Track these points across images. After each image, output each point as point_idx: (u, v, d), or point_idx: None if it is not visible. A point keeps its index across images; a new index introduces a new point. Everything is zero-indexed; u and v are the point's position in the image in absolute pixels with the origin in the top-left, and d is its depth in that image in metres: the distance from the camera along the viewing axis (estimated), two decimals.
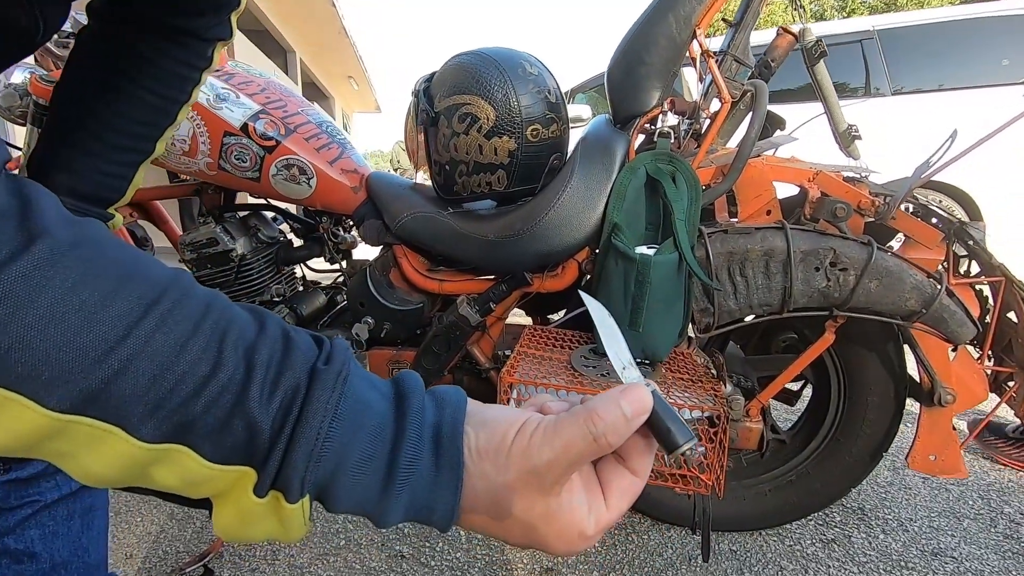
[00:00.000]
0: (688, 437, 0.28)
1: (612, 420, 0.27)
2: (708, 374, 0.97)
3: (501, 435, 0.29)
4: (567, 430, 0.28)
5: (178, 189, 1.31)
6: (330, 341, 0.30)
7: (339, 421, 0.27)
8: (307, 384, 0.27)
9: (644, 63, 1.00)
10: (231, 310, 0.28)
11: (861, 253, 0.92)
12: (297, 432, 0.26)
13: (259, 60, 7.71)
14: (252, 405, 0.25)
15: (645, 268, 0.92)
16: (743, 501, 1.27)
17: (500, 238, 1.06)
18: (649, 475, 0.31)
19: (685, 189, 0.97)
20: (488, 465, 0.28)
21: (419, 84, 1.13)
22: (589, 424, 0.27)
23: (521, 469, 0.28)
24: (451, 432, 0.29)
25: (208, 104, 1.11)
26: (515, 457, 0.28)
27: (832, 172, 1.01)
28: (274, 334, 0.28)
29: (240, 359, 0.26)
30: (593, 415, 0.27)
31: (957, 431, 1.08)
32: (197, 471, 0.26)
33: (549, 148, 1.09)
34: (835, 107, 1.11)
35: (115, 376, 0.23)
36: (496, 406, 0.32)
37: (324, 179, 1.18)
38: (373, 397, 0.29)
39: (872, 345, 1.11)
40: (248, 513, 0.27)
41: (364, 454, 0.28)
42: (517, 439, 0.28)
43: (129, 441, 0.24)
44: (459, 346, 1.13)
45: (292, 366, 0.27)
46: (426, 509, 0.29)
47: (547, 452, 0.28)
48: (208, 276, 1.26)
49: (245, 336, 0.27)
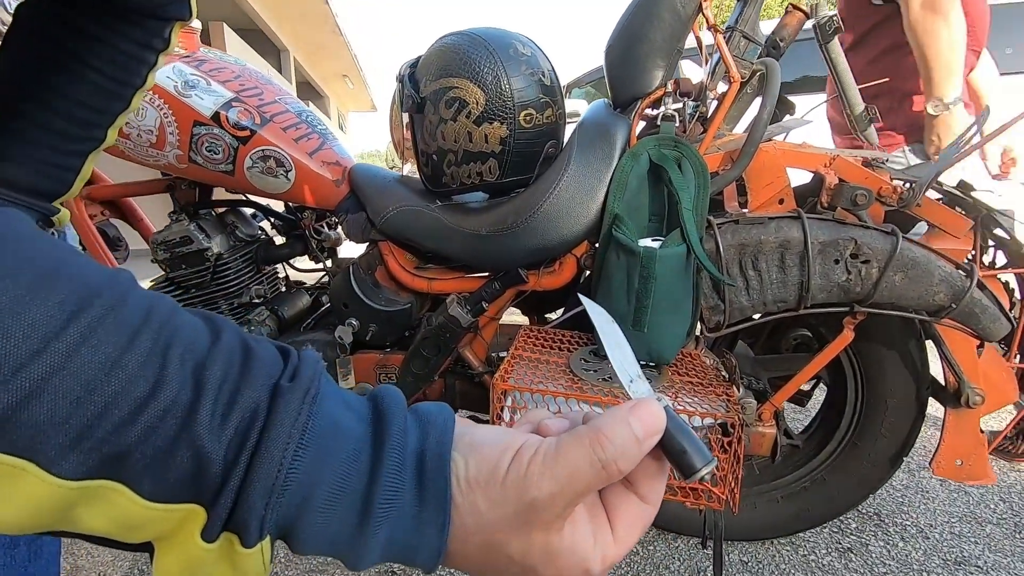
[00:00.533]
0: (706, 459, 0.25)
1: (622, 443, 0.24)
2: (719, 377, 0.89)
3: (494, 463, 0.25)
4: (570, 456, 0.24)
5: (150, 185, 1.23)
6: (298, 353, 0.26)
7: (306, 449, 0.23)
8: (268, 405, 0.23)
9: (646, 40, 0.92)
10: (178, 317, 0.24)
11: (885, 243, 0.85)
12: (255, 463, 0.22)
13: (252, 59, 7.63)
14: (201, 431, 0.22)
15: (649, 262, 0.84)
16: (754, 509, 1.20)
17: (492, 232, 0.98)
18: None
19: (692, 176, 0.89)
20: (480, 498, 0.25)
21: (404, 68, 1.06)
22: (596, 449, 0.24)
23: (518, 503, 0.24)
24: (437, 460, 0.25)
25: (176, 92, 1.03)
26: (511, 489, 0.24)
27: (850, 157, 0.93)
28: (230, 345, 0.24)
29: (187, 376, 0.22)
30: (600, 438, 0.24)
31: (985, 433, 1.01)
32: (133, 512, 0.22)
33: (544, 135, 1.01)
34: (850, 87, 1.03)
35: (25, 400, 0.19)
36: (487, 427, 0.28)
37: (303, 172, 1.10)
38: (347, 418, 0.25)
39: (893, 342, 1.03)
40: (195, 560, 0.23)
41: (336, 487, 0.24)
42: (512, 467, 0.25)
43: (44, 479, 0.20)
44: (450, 349, 1.06)
45: (251, 384, 0.23)
46: (408, 549, 0.25)
47: (548, 483, 0.24)
48: (183, 277, 1.18)
49: (194, 348, 0.23)
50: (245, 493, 0.22)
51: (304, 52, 10.52)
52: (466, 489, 0.25)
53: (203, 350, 0.23)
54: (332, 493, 0.24)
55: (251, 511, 0.22)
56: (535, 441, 0.26)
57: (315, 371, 0.25)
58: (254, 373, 0.24)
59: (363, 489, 0.24)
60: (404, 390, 1.11)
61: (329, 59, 11.49)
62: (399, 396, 0.28)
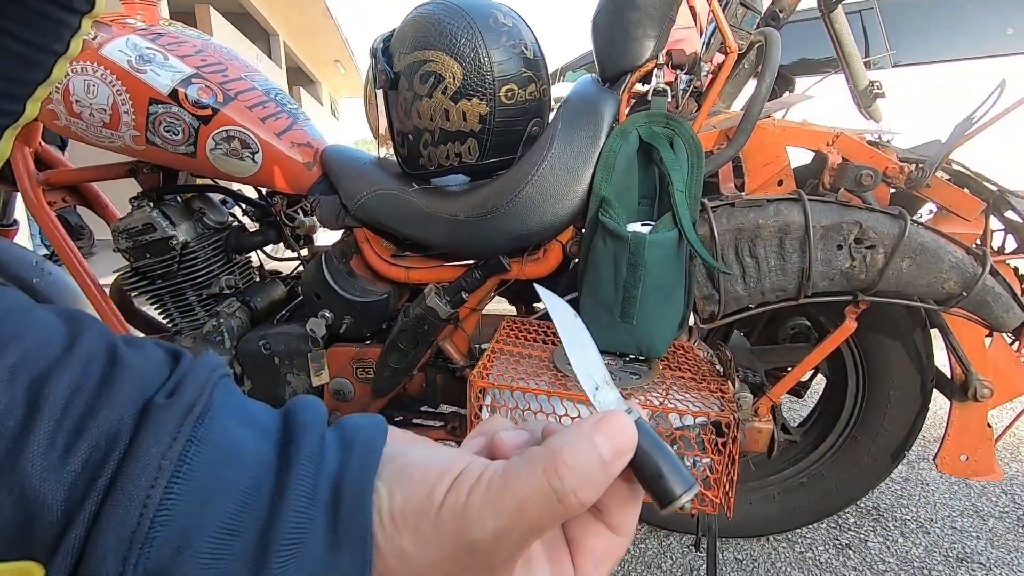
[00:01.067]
0: (687, 484, 0.21)
1: (584, 469, 0.19)
2: (713, 371, 0.84)
3: (426, 493, 0.20)
4: (520, 486, 0.19)
5: (111, 169, 1.15)
6: (193, 359, 0.22)
7: (183, 483, 0.19)
8: (132, 429, 0.19)
9: (635, 7, 0.85)
10: (19, 317, 0.19)
11: (892, 227, 0.79)
12: (108, 506, 0.18)
13: (241, 44, 7.46)
14: (30, 468, 0.17)
15: (638, 249, 0.78)
16: (749, 505, 1.16)
17: (472, 217, 0.91)
18: None
19: (685, 156, 0.83)
20: (407, 539, 0.20)
21: (376, 42, 0.98)
22: (552, 477, 0.19)
23: (455, 543, 0.19)
24: (356, 490, 0.20)
25: (130, 67, 0.96)
26: (446, 525, 0.20)
27: (854, 135, 0.87)
28: (90, 352, 0.20)
29: (17, 394, 0.18)
30: (558, 463, 0.19)
31: (992, 428, 0.96)
32: None
33: (527, 112, 0.94)
34: (854, 60, 0.96)
35: None
36: (426, 446, 0.23)
37: (271, 154, 1.03)
38: (245, 438, 0.21)
39: (896, 331, 0.98)
40: None
41: (225, 530, 0.19)
42: (449, 498, 0.20)
43: None
44: (428, 342, 1.00)
45: (111, 401, 0.19)
46: None
47: (492, 520, 0.19)
48: (147, 267, 1.11)
49: (34, 358, 0.18)
50: (94, 545, 0.17)
51: (295, 36, 10.30)
52: (390, 528, 0.20)
53: (49, 359, 0.19)
54: (219, 538, 0.19)
55: (102, 566, 0.17)
56: (479, 466, 0.21)
57: (207, 380, 0.21)
58: (117, 387, 0.19)
59: (259, 529, 0.19)
60: (381, 385, 1.05)
61: (320, 44, 11.27)
62: (318, 409, 0.23)
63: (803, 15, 0.97)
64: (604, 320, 0.84)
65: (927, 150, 0.92)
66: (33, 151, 1.13)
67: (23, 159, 1.10)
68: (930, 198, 0.86)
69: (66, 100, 0.98)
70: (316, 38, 10.83)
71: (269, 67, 8.63)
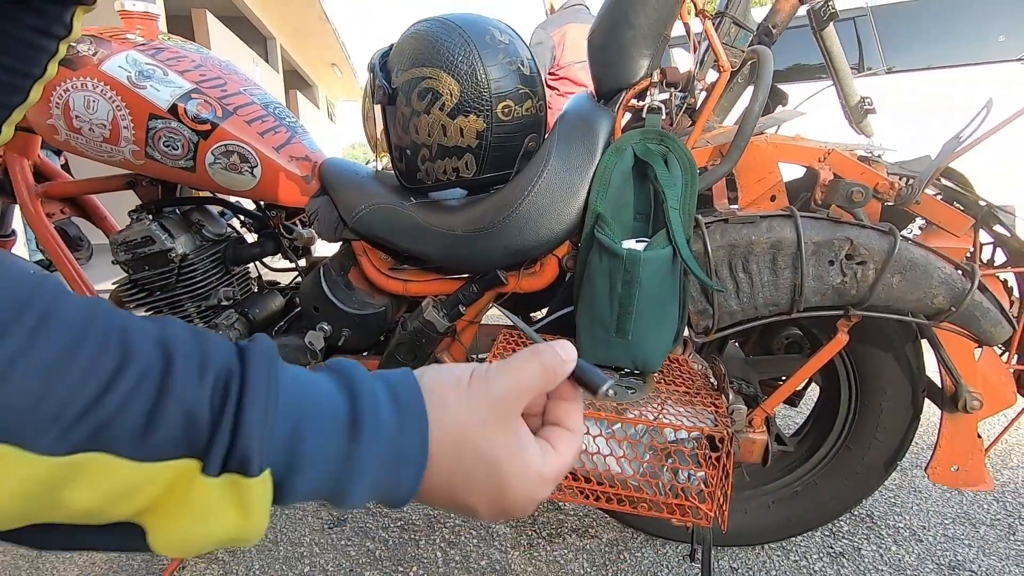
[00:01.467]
0: (603, 380, 0.32)
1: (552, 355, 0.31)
2: (707, 384, 0.85)
3: (456, 377, 0.31)
4: (520, 363, 0.31)
5: (110, 182, 1.16)
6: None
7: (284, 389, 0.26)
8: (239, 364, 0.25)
9: (630, 25, 0.86)
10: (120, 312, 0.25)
11: (882, 243, 0.80)
12: (244, 401, 0.24)
13: (237, 48, 7.46)
14: (180, 387, 0.23)
15: (633, 266, 0.79)
16: (744, 514, 1.17)
17: (469, 232, 0.93)
18: (644, 505, 0.33)
19: (679, 172, 0.84)
20: (451, 398, 0.30)
21: (375, 57, 0.99)
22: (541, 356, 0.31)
23: (481, 398, 0.29)
24: (403, 380, 0.30)
25: (129, 83, 0.96)
26: (475, 388, 0.30)
27: (845, 151, 0.88)
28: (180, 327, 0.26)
29: (153, 347, 0.24)
30: (539, 349, 0.31)
31: (982, 438, 0.97)
32: (124, 477, 0.22)
33: (523, 128, 0.95)
34: (845, 76, 0.98)
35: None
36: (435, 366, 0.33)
37: (270, 168, 1.04)
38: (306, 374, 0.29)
39: (888, 343, 0.99)
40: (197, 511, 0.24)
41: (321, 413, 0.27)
42: (473, 378, 0.30)
43: (26, 458, 0.20)
44: (426, 355, 1.00)
45: (214, 348, 0.25)
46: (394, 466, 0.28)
47: (504, 380, 0.30)
48: (146, 279, 1.11)
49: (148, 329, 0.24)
50: (240, 428, 0.24)
51: (291, 40, 10.31)
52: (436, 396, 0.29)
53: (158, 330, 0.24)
54: (319, 418, 0.27)
55: (249, 440, 0.23)
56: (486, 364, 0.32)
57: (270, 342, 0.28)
58: (213, 341, 0.26)
59: (347, 408, 0.27)
60: None
61: (317, 47, 11.28)
62: (348, 361, 0.31)
63: (797, 22, 0.99)
64: (600, 335, 0.85)
65: (917, 165, 0.93)
66: (32, 163, 1.14)
67: (21, 171, 1.11)
68: (919, 214, 0.88)
69: (66, 115, 0.99)
70: (313, 42, 10.84)
71: (266, 71, 8.64)
